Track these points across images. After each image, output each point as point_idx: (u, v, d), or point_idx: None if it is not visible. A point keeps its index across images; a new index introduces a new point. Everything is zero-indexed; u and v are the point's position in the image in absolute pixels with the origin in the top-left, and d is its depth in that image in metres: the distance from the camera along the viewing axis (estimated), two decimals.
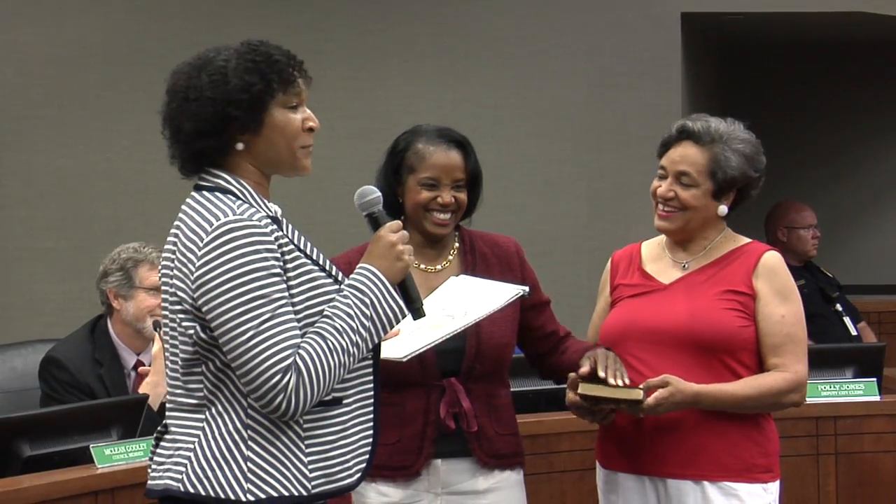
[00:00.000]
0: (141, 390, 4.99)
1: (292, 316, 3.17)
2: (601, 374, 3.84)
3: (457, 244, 4.00)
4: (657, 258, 4.17)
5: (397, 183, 3.87)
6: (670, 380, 3.88)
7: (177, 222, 3.25)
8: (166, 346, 3.31)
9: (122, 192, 7.38)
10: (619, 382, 3.86)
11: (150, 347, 5.21)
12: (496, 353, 3.96)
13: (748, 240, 4.17)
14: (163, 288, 3.31)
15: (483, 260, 3.92)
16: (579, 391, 3.91)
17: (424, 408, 3.85)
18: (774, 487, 4.08)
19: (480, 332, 3.85)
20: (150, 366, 5.19)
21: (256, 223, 3.14)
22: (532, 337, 4.08)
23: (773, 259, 4.10)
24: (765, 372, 4.06)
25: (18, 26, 7.59)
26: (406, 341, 3.60)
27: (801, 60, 9.54)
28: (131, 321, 5.19)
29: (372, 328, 3.25)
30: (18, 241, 7.40)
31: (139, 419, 4.50)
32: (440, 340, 3.71)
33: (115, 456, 4.22)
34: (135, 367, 5.21)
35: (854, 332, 7.66)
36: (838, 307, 7.74)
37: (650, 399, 3.83)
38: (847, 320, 7.74)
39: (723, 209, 4.07)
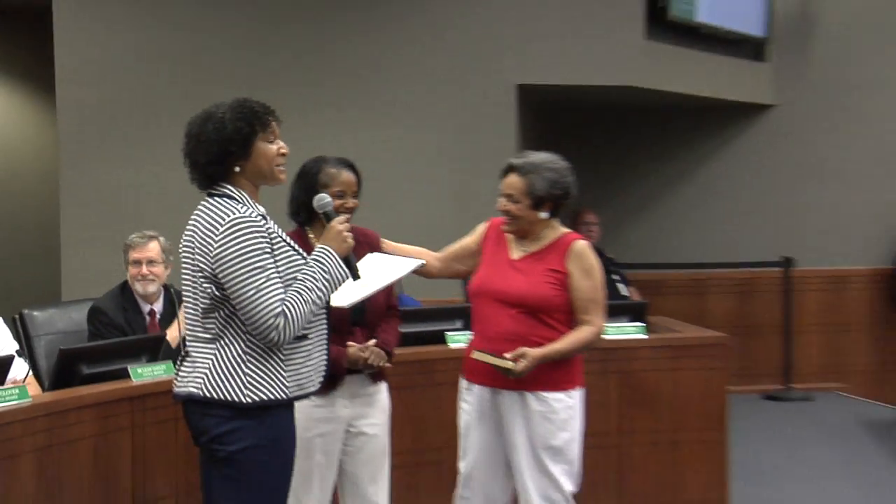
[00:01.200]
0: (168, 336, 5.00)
1: (279, 280, 3.26)
2: (365, 355, 3.94)
3: None
4: (514, 240, 4.24)
5: (314, 194, 3.78)
6: (525, 351, 3.98)
7: (194, 217, 3.36)
8: (187, 298, 3.39)
9: (155, 196, 7.38)
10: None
11: (160, 299, 5.27)
12: (381, 311, 4.13)
13: (566, 230, 4.24)
14: (183, 260, 3.38)
15: (358, 244, 3.83)
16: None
17: (341, 346, 3.94)
18: (576, 394, 4.16)
19: (373, 298, 3.95)
20: (160, 314, 5.28)
21: (254, 219, 3.28)
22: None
23: (579, 246, 4.17)
24: (577, 325, 4.12)
25: (98, 72, 7.57)
26: (347, 294, 3.70)
27: (598, 116, 9.55)
28: (131, 284, 5.25)
29: (328, 287, 3.36)
30: (83, 231, 7.41)
31: (160, 349, 4.56)
32: (369, 295, 3.84)
33: (144, 373, 4.28)
34: (149, 313, 5.25)
35: (626, 294, 7.92)
36: (615, 277, 7.97)
37: (518, 368, 3.94)
38: (621, 286, 7.98)
39: (543, 215, 4.15)
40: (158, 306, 5.28)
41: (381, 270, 3.95)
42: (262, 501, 3.34)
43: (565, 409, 4.11)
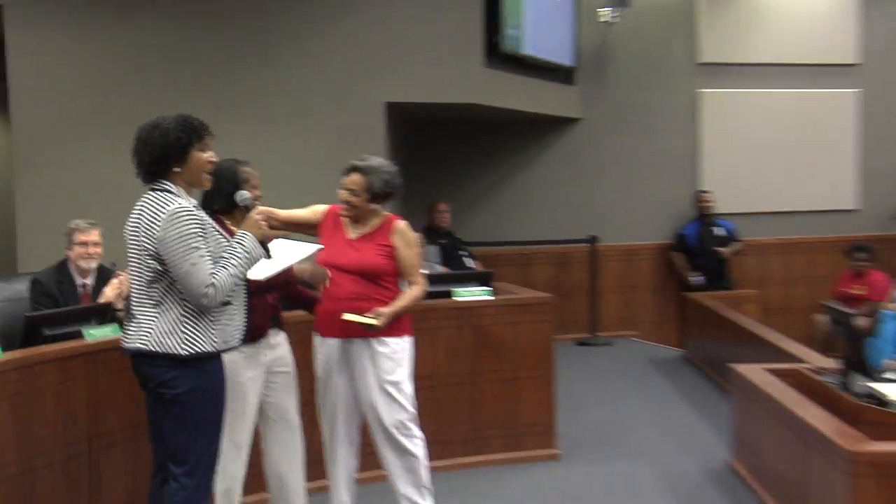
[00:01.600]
0: (102, 300, 4.89)
1: (210, 257, 3.22)
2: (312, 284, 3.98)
3: None
4: (349, 223, 4.24)
5: (235, 189, 3.78)
6: (380, 310, 4.03)
7: (139, 206, 3.28)
8: (133, 272, 3.32)
9: (94, 193, 7.09)
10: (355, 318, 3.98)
11: (92, 274, 5.15)
12: (282, 283, 4.07)
13: (389, 214, 4.26)
14: (130, 242, 3.30)
15: None
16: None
17: (263, 306, 3.96)
18: (408, 339, 4.19)
19: (284, 271, 3.92)
20: (91, 287, 5.13)
21: (191, 209, 3.24)
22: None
23: (400, 224, 4.23)
24: (408, 286, 4.19)
25: (47, 92, 7.22)
26: (261, 270, 3.67)
27: (448, 127, 9.54)
28: (74, 261, 5.13)
29: (247, 263, 3.33)
30: (35, 222, 7.11)
31: (107, 315, 4.46)
32: (280, 270, 3.81)
33: (96, 334, 4.19)
34: (81, 286, 5.13)
35: (472, 265, 7.97)
36: (462, 252, 8.03)
37: (379, 322, 3.99)
38: (468, 260, 8.03)
39: (376, 207, 4.18)
40: (90, 280, 5.20)
41: (286, 252, 3.93)
42: (202, 431, 3.35)
43: (402, 350, 4.16)
